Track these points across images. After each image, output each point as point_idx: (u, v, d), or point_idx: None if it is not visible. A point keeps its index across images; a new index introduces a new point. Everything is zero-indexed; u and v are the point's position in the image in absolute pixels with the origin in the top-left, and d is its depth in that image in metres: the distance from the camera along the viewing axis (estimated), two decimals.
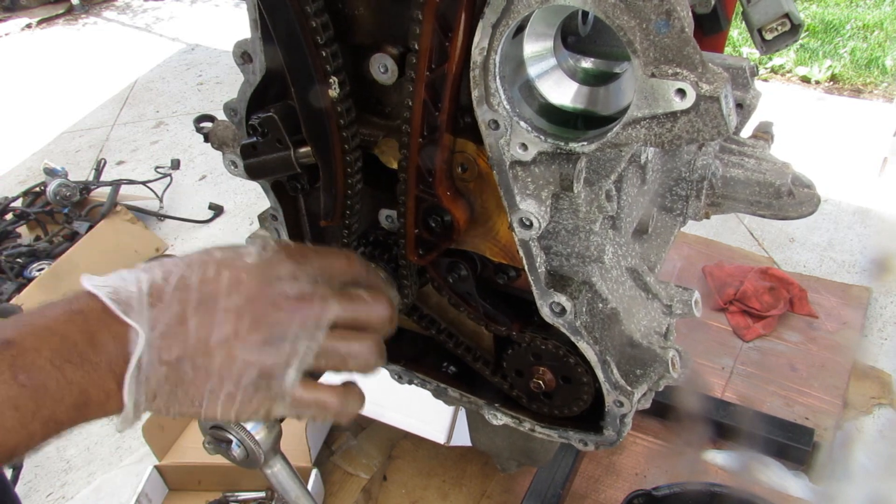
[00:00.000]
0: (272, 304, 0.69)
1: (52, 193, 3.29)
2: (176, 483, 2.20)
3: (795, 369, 2.43)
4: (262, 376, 0.68)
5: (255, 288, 0.69)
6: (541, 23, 0.77)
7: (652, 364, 1.00)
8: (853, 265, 2.91)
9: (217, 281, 0.68)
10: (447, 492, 2.16)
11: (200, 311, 0.66)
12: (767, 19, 1.08)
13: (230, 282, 0.68)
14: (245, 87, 0.93)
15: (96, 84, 4.93)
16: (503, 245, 0.94)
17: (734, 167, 1.15)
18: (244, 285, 0.69)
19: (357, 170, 0.92)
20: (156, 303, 0.65)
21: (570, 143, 0.77)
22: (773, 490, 2.05)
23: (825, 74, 4.27)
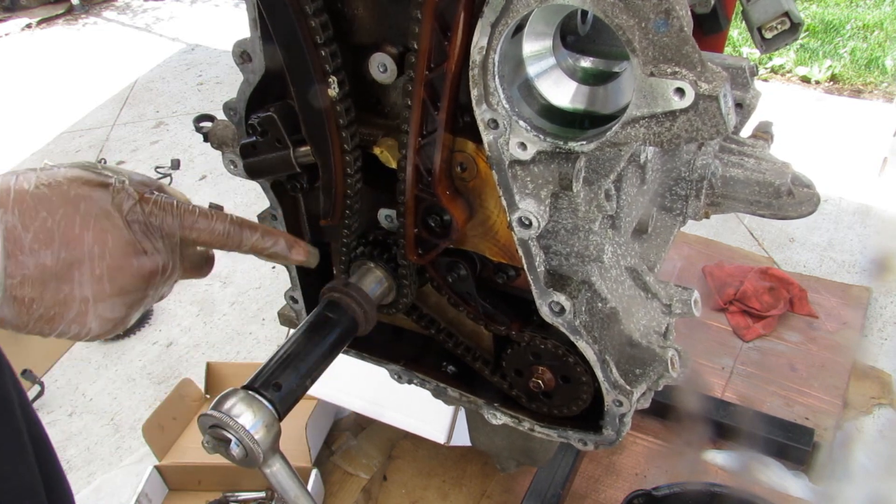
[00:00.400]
0: (132, 277, 0.72)
1: None
2: (176, 483, 2.20)
3: (795, 369, 2.43)
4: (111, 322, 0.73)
5: (119, 259, 0.71)
6: (540, 22, 0.77)
7: (651, 363, 1.00)
8: (853, 265, 2.91)
9: (80, 243, 0.68)
10: (447, 492, 2.16)
11: (61, 272, 0.67)
12: (767, 18, 1.09)
13: (93, 248, 0.69)
14: (244, 87, 0.93)
15: (96, 84, 4.93)
16: (502, 244, 0.94)
17: (734, 167, 1.15)
18: (109, 256, 0.70)
19: (356, 169, 0.92)
20: (13, 252, 0.64)
21: (570, 142, 0.77)
22: (773, 490, 2.05)
23: (825, 74, 4.27)
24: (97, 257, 0.69)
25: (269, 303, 2.88)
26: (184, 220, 0.77)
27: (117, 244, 0.70)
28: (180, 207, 0.77)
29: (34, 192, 0.66)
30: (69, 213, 0.67)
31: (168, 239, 0.76)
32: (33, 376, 2.62)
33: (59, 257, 0.67)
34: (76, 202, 0.68)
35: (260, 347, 2.75)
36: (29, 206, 0.65)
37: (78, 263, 0.68)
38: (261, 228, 0.85)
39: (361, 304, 0.94)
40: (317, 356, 0.88)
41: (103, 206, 0.70)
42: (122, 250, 0.71)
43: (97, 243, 0.69)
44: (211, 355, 2.69)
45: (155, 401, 2.51)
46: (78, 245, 0.68)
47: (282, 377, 0.83)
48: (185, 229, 0.77)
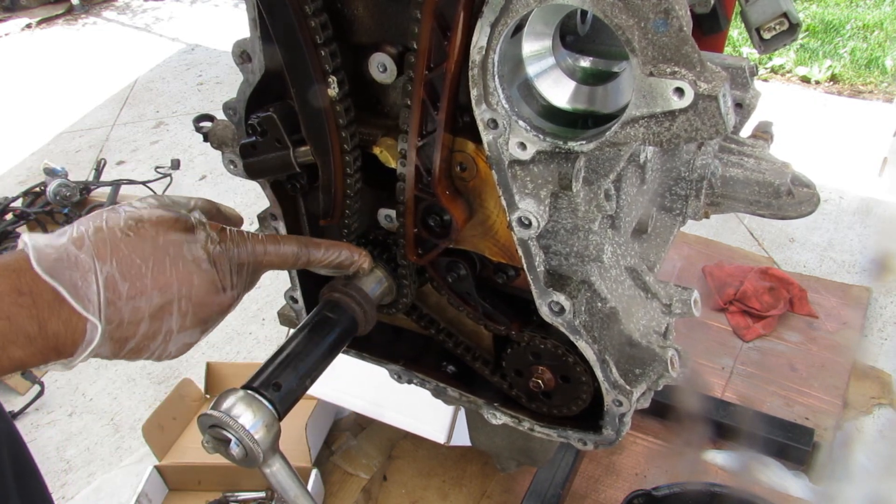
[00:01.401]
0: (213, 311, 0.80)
1: (52, 193, 3.29)
2: (176, 483, 2.20)
3: (795, 369, 2.43)
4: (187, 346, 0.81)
5: (203, 297, 0.78)
6: (539, 22, 0.77)
7: (651, 363, 1.00)
8: (853, 265, 2.91)
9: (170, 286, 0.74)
10: (447, 492, 2.16)
11: (153, 313, 0.74)
12: (765, 18, 1.09)
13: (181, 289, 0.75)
14: (244, 87, 0.93)
15: (96, 84, 4.93)
16: (502, 244, 0.94)
17: (734, 167, 1.15)
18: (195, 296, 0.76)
19: (356, 169, 0.92)
20: (112, 299, 0.70)
21: (569, 142, 0.77)
22: (773, 490, 2.05)
23: (825, 74, 4.27)
24: (184, 297, 0.76)
25: (269, 303, 2.88)
26: (256, 250, 0.83)
27: (202, 284, 0.77)
28: (253, 239, 0.83)
29: (127, 240, 0.72)
30: (160, 260, 0.74)
31: (243, 272, 0.83)
32: (33, 376, 2.62)
33: (151, 302, 0.73)
34: (165, 248, 0.74)
35: (260, 347, 2.75)
36: (125, 256, 0.71)
37: (168, 305, 0.75)
38: (324, 244, 0.89)
39: (361, 304, 0.94)
40: (317, 356, 0.88)
41: (190, 249, 0.76)
42: (206, 289, 0.78)
43: (184, 285, 0.76)
44: (211, 355, 2.69)
45: (155, 401, 2.51)
46: (168, 288, 0.74)
47: (281, 377, 0.83)
48: (259, 259, 0.84)
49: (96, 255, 0.70)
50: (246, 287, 0.84)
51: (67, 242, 0.69)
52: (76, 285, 0.68)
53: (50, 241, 0.70)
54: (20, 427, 2.47)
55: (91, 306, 0.69)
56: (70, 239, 0.70)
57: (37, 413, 2.59)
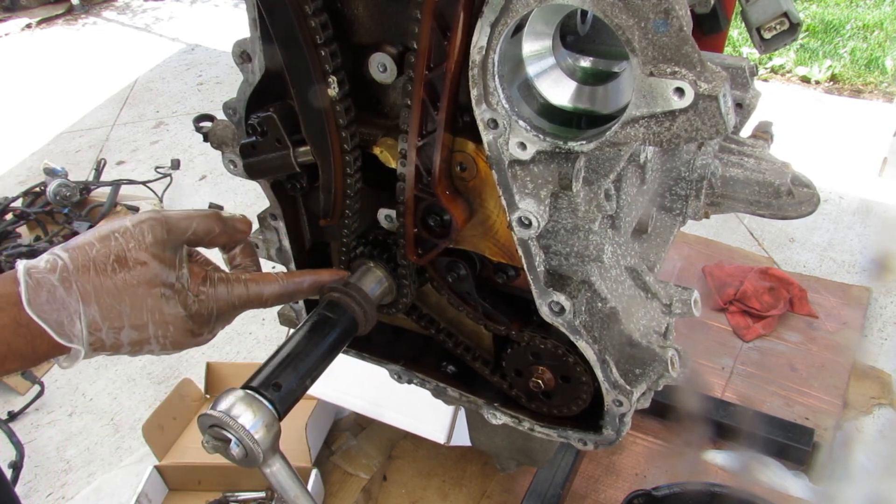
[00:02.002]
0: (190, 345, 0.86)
1: (52, 193, 3.29)
2: (176, 483, 2.20)
3: (795, 369, 2.43)
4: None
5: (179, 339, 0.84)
6: (539, 22, 0.77)
7: (651, 363, 1.00)
8: (853, 265, 2.91)
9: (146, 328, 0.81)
10: (447, 492, 2.16)
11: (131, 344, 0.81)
12: (766, 18, 1.09)
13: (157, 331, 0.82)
14: (244, 87, 0.93)
15: (96, 84, 4.93)
16: (502, 244, 0.94)
17: (734, 167, 1.15)
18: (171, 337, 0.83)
19: (356, 169, 0.92)
20: (94, 332, 0.78)
21: (569, 142, 0.77)
22: (773, 490, 2.05)
23: (825, 74, 4.27)
24: (160, 337, 0.83)
25: None
26: (236, 296, 0.87)
27: (178, 331, 0.83)
28: (234, 285, 0.87)
29: (110, 285, 0.78)
30: (138, 308, 0.80)
31: (222, 315, 0.87)
32: (33, 376, 2.63)
33: (128, 336, 0.81)
34: (144, 299, 0.80)
35: (260, 347, 2.75)
36: (106, 303, 0.78)
37: (145, 342, 0.82)
38: (306, 280, 0.93)
39: (361, 304, 0.94)
40: (317, 356, 0.88)
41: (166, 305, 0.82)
42: (182, 334, 0.84)
43: (160, 328, 0.82)
44: (211, 355, 2.69)
45: (155, 401, 2.51)
46: (144, 330, 0.81)
47: (281, 377, 0.83)
48: (239, 304, 0.88)
49: (82, 298, 0.77)
50: (229, 322, 0.90)
51: (57, 284, 0.77)
52: (62, 324, 0.76)
53: (43, 277, 0.76)
54: (20, 427, 2.47)
55: (75, 339, 0.77)
56: (60, 280, 0.77)
57: (37, 413, 2.59)
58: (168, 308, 0.82)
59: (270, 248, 1.14)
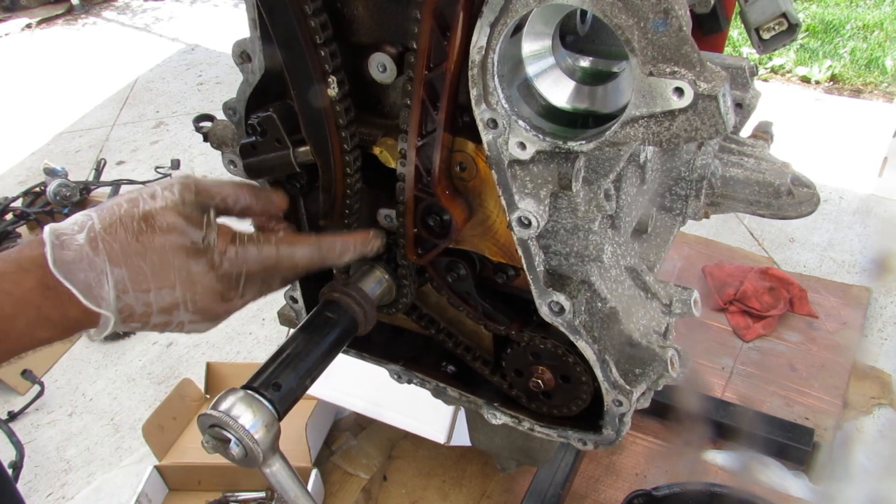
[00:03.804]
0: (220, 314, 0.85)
1: (52, 193, 3.29)
2: (176, 483, 2.20)
3: (795, 369, 2.43)
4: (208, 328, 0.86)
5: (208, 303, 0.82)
6: (539, 22, 0.77)
7: (651, 363, 1.00)
8: (853, 265, 2.91)
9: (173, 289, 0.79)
10: (447, 492, 2.16)
11: (161, 309, 0.79)
12: (765, 18, 1.09)
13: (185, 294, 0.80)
14: (244, 87, 0.93)
15: (96, 84, 4.93)
16: (502, 244, 0.94)
17: (733, 167, 1.15)
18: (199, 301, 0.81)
19: (356, 169, 0.92)
20: (122, 296, 0.77)
21: (569, 141, 0.77)
22: (773, 490, 2.05)
23: (825, 74, 4.27)
24: (189, 301, 0.80)
25: (269, 303, 2.86)
26: (265, 258, 0.85)
27: (206, 294, 0.81)
28: (264, 246, 0.84)
29: (137, 246, 0.77)
30: (166, 269, 0.78)
31: (252, 282, 0.85)
32: (33, 376, 2.63)
33: (158, 299, 0.79)
34: (171, 260, 0.78)
35: (260, 347, 2.75)
36: (134, 263, 0.77)
37: (174, 304, 0.80)
38: (339, 242, 0.90)
39: (361, 303, 0.94)
40: (316, 356, 0.88)
41: (193, 264, 0.79)
42: (211, 298, 0.81)
43: (188, 292, 0.80)
44: (211, 355, 2.69)
45: (155, 401, 2.51)
46: (172, 292, 0.79)
47: (281, 377, 0.83)
48: (270, 265, 0.85)
49: (109, 259, 0.75)
50: (261, 291, 0.88)
51: (84, 243, 0.75)
52: (90, 286, 0.75)
53: (69, 238, 0.75)
54: (20, 427, 2.48)
55: (104, 303, 0.76)
56: (87, 239, 0.75)
57: (37, 413, 2.59)
58: (195, 266, 0.79)
59: None
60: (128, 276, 0.76)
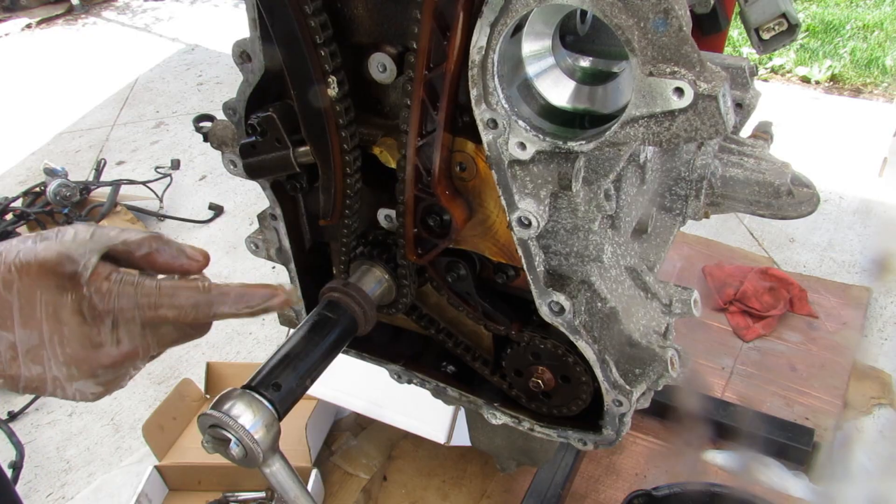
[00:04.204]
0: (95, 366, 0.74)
1: (52, 193, 3.29)
2: (176, 483, 2.20)
3: (795, 369, 2.43)
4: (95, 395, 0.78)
5: (78, 350, 0.72)
6: (539, 22, 0.77)
7: (651, 363, 1.00)
8: (853, 265, 2.90)
9: (40, 330, 0.71)
10: (447, 492, 2.16)
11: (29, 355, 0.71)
12: (764, 19, 1.09)
13: (52, 337, 0.71)
14: (244, 87, 0.93)
15: (96, 84, 4.93)
16: (502, 244, 0.94)
17: (733, 167, 1.15)
18: (68, 346, 0.72)
19: (356, 169, 0.92)
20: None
21: (569, 141, 0.77)
22: (773, 490, 2.05)
23: (825, 74, 4.27)
24: (57, 345, 0.71)
25: None
26: (143, 302, 0.74)
27: (73, 337, 0.72)
28: (138, 290, 0.74)
29: (5, 278, 0.69)
30: (30, 303, 0.70)
31: (129, 325, 0.74)
32: None
33: (24, 342, 0.70)
34: (36, 292, 0.70)
35: (260, 347, 2.75)
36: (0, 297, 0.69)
37: (41, 349, 0.71)
38: (233, 292, 0.78)
39: (361, 304, 0.94)
40: (316, 356, 0.87)
41: (60, 299, 0.71)
42: (80, 342, 0.72)
43: (55, 333, 0.71)
44: (211, 355, 2.69)
45: (155, 401, 2.51)
46: (37, 332, 0.71)
47: (281, 377, 0.83)
48: (145, 311, 0.74)
49: None
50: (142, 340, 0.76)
51: None
52: None
53: None
54: (20, 427, 2.48)
55: None
56: None
57: (37, 413, 2.59)
58: (61, 299, 0.70)
59: (270, 248, 1.14)
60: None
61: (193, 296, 0.75)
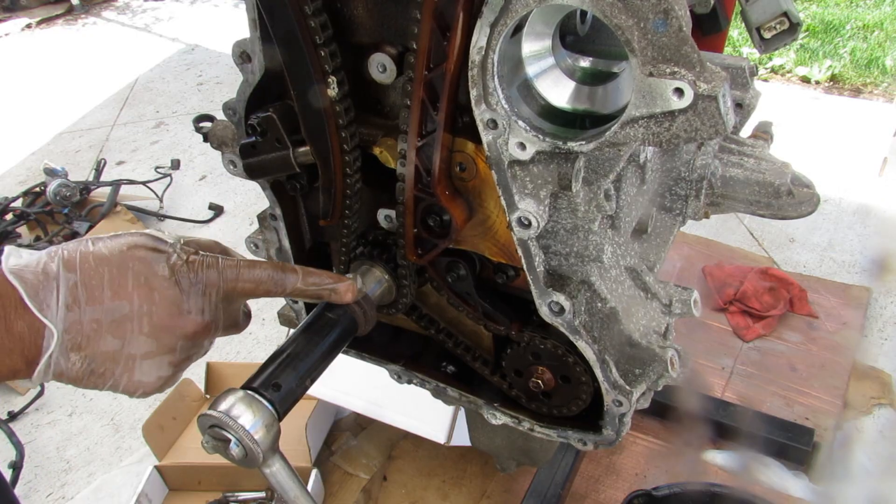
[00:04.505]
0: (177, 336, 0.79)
1: (52, 193, 3.29)
2: (176, 483, 2.20)
3: (795, 369, 2.43)
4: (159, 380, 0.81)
5: (165, 318, 0.77)
6: (539, 22, 0.77)
7: (651, 363, 1.00)
8: (853, 265, 2.91)
9: (130, 300, 0.75)
10: (447, 492, 2.16)
11: (112, 328, 0.74)
12: (766, 18, 1.09)
13: (142, 306, 0.75)
14: (244, 87, 0.93)
15: (96, 84, 4.93)
16: (502, 244, 0.94)
17: (733, 167, 1.15)
18: (155, 315, 0.76)
19: (356, 169, 0.92)
20: (72, 307, 0.72)
21: (569, 142, 0.77)
22: (773, 490, 2.05)
23: (825, 74, 4.27)
24: (145, 315, 0.76)
25: (269, 303, 2.88)
26: (226, 274, 0.81)
27: (163, 303, 0.76)
28: (222, 262, 0.81)
29: (97, 254, 0.74)
30: (123, 273, 0.74)
31: (212, 296, 0.80)
32: None
33: (110, 314, 0.74)
34: (130, 263, 0.75)
35: (260, 347, 2.75)
36: (90, 267, 0.73)
37: (127, 321, 0.75)
38: (301, 270, 0.87)
39: (361, 304, 0.94)
40: (316, 356, 0.87)
41: (153, 267, 0.76)
42: (168, 309, 0.77)
43: (145, 302, 0.75)
44: (211, 355, 2.67)
45: (155, 401, 2.51)
46: (127, 303, 0.75)
47: (281, 377, 0.83)
48: (228, 282, 0.81)
49: (64, 265, 0.72)
50: (215, 315, 0.82)
51: (43, 253, 0.73)
52: (37, 289, 0.71)
53: (30, 252, 0.73)
54: (20, 427, 2.48)
55: (49, 312, 0.71)
56: (47, 252, 0.73)
57: (37, 413, 2.59)
58: (155, 266, 0.76)
59: (270, 248, 1.14)
60: (81, 280, 0.72)
61: (269, 271, 0.84)
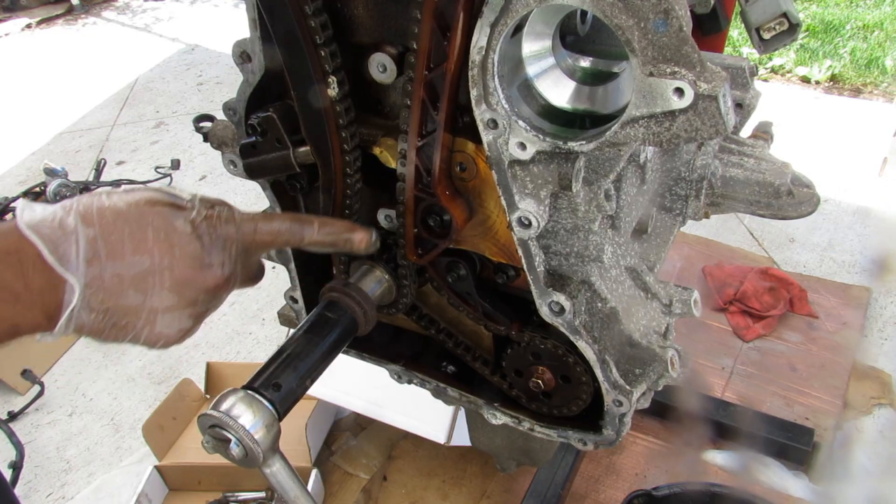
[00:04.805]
0: (199, 290, 0.78)
1: (52, 194, 3.29)
2: (176, 483, 2.20)
3: (795, 369, 2.43)
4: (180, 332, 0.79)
5: (187, 273, 0.76)
6: (539, 22, 0.77)
7: (651, 363, 1.00)
8: (853, 265, 2.91)
9: (151, 255, 0.74)
10: (447, 492, 2.16)
11: (134, 283, 0.73)
12: (765, 18, 1.09)
13: (163, 261, 0.75)
14: (244, 87, 0.93)
15: (96, 84, 4.93)
16: (502, 244, 0.94)
17: (734, 167, 1.15)
18: (177, 269, 0.76)
19: (356, 169, 0.92)
20: (93, 261, 0.71)
21: (569, 142, 0.77)
22: (773, 490, 2.05)
23: (825, 74, 4.27)
24: (166, 269, 0.75)
25: (269, 303, 2.88)
26: (245, 227, 0.81)
27: (184, 256, 0.76)
28: (240, 216, 0.82)
29: (114, 208, 0.73)
30: (143, 228, 0.74)
31: (231, 249, 0.80)
32: (33, 376, 2.63)
33: (131, 268, 0.73)
34: (150, 218, 0.74)
35: (260, 347, 2.75)
36: (108, 221, 0.72)
37: (149, 275, 0.74)
38: (318, 220, 0.87)
39: (361, 304, 0.94)
40: (317, 356, 0.88)
41: (173, 221, 0.76)
42: (189, 262, 0.76)
43: (166, 255, 0.75)
44: (211, 355, 2.69)
45: (155, 401, 2.51)
46: (148, 257, 0.74)
47: (281, 377, 0.83)
48: (247, 235, 0.82)
49: (82, 219, 0.71)
50: (234, 268, 0.81)
51: (58, 207, 0.72)
52: (56, 243, 0.69)
53: (43, 206, 0.72)
54: (20, 427, 2.48)
55: (70, 265, 0.70)
56: (61, 205, 0.72)
57: (37, 413, 2.59)
58: (175, 221, 0.75)
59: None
60: (100, 235, 0.71)
61: (286, 222, 0.85)
